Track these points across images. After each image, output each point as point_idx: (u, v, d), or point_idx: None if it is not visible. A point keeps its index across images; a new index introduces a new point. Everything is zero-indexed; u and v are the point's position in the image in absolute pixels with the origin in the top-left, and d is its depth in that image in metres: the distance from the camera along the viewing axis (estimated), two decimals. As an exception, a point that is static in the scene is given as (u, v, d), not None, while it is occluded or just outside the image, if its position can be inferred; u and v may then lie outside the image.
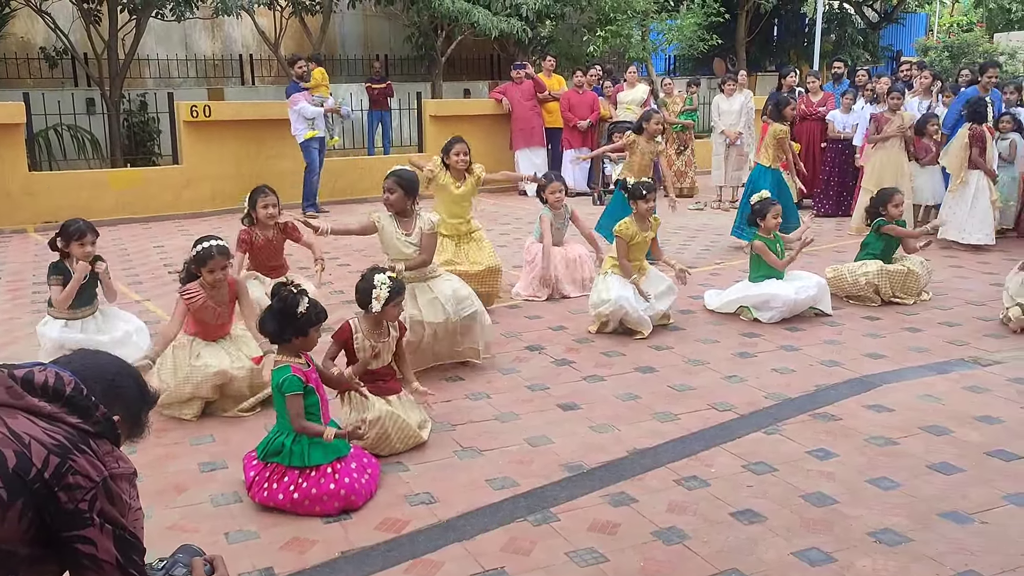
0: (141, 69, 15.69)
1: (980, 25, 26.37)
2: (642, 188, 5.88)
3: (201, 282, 4.55)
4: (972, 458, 3.96)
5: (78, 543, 1.62)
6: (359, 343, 4.07)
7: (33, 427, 1.61)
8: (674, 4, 18.29)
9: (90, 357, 1.88)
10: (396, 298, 4.09)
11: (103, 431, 1.71)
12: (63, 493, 1.58)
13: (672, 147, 11.94)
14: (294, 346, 3.68)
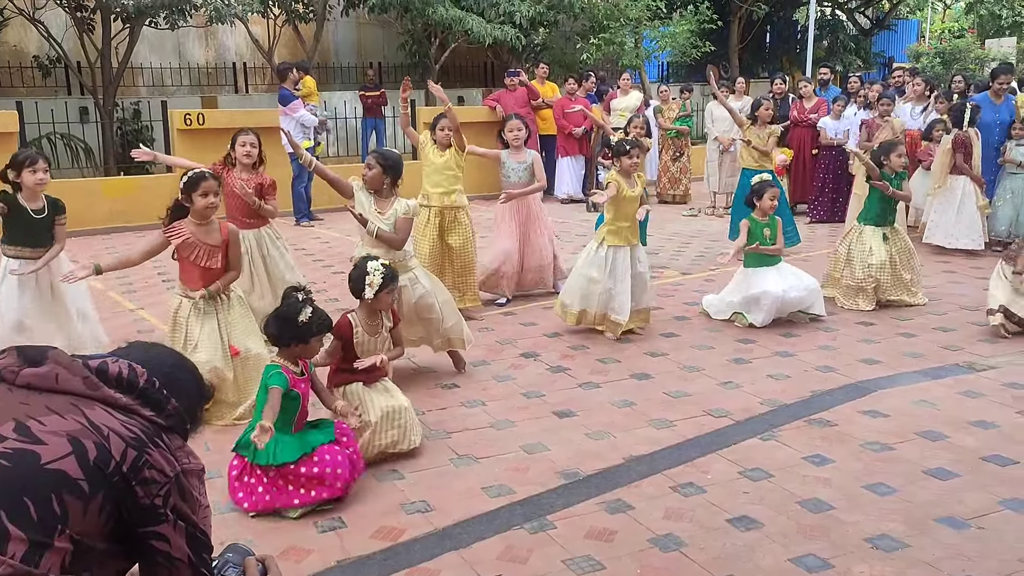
0: (135, 77, 15.67)
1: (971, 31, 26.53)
2: (625, 144, 5.86)
3: (189, 218, 4.46)
4: (968, 463, 3.96)
5: (153, 539, 1.58)
6: (359, 338, 4.07)
7: (111, 419, 1.56)
8: (667, 11, 18.34)
9: (148, 349, 1.84)
10: (389, 285, 4.09)
11: (174, 425, 1.67)
12: (140, 487, 1.54)
13: (668, 153, 11.97)
14: (293, 352, 3.68)
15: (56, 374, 1.58)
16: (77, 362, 1.63)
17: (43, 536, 1.40)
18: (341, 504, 3.67)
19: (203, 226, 4.48)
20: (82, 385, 1.59)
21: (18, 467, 1.43)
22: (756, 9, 20.30)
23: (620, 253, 5.80)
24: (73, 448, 1.48)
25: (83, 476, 1.47)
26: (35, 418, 1.50)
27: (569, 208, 11.92)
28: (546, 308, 6.72)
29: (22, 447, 1.45)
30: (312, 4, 14.97)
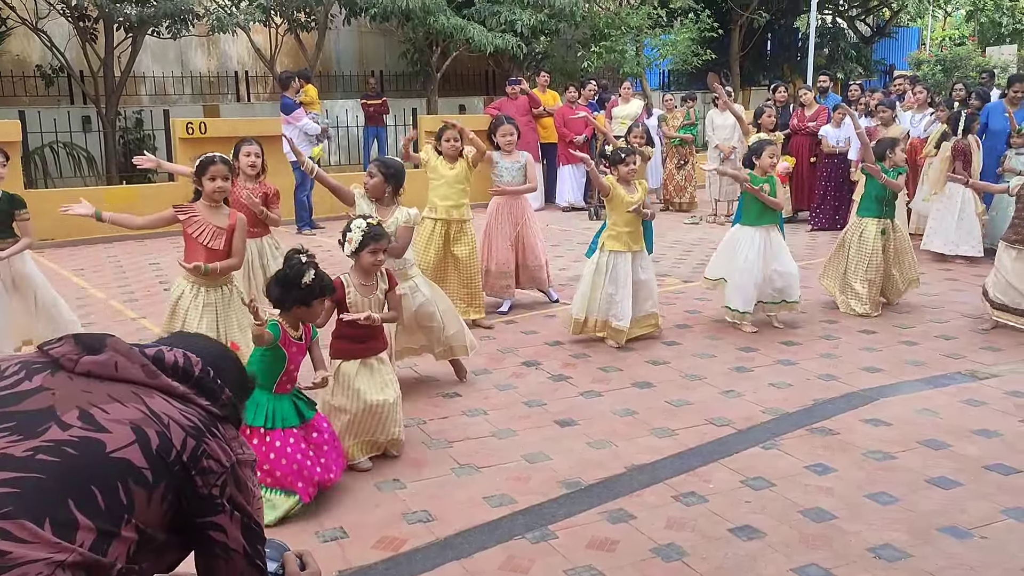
0: (137, 86, 15.73)
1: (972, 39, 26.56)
2: (620, 153, 5.87)
3: (201, 201, 4.53)
4: (970, 472, 3.95)
5: (210, 530, 1.57)
6: (351, 298, 4.05)
7: (170, 407, 1.55)
8: (668, 19, 18.39)
9: (191, 339, 1.83)
10: (371, 244, 4.03)
11: (228, 415, 1.66)
12: (199, 477, 1.53)
13: (672, 162, 11.99)
14: (295, 315, 3.67)
15: (115, 362, 1.57)
16: (135, 350, 1.61)
17: (111, 525, 1.39)
18: (342, 514, 3.66)
19: (213, 208, 4.56)
20: (141, 373, 1.58)
21: (85, 456, 1.41)
22: (757, 17, 20.35)
23: (620, 259, 5.80)
24: (136, 437, 1.47)
25: (147, 465, 1.46)
26: (98, 406, 1.49)
27: (571, 216, 11.93)
28: (548, 316, 6.73)
29: (87, 435, 1.44)
30: (314, 13, 15.02)
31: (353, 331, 4.05)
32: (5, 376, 1.53)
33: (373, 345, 4.15)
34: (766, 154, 6.21)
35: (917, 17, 28.63)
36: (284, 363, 3.64)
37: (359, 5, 14.56)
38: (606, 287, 5.79)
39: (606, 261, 5.82)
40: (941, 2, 26.59)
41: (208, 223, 4.52)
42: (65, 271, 8.48)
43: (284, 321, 3.67)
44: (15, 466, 1.37)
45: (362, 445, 4.11)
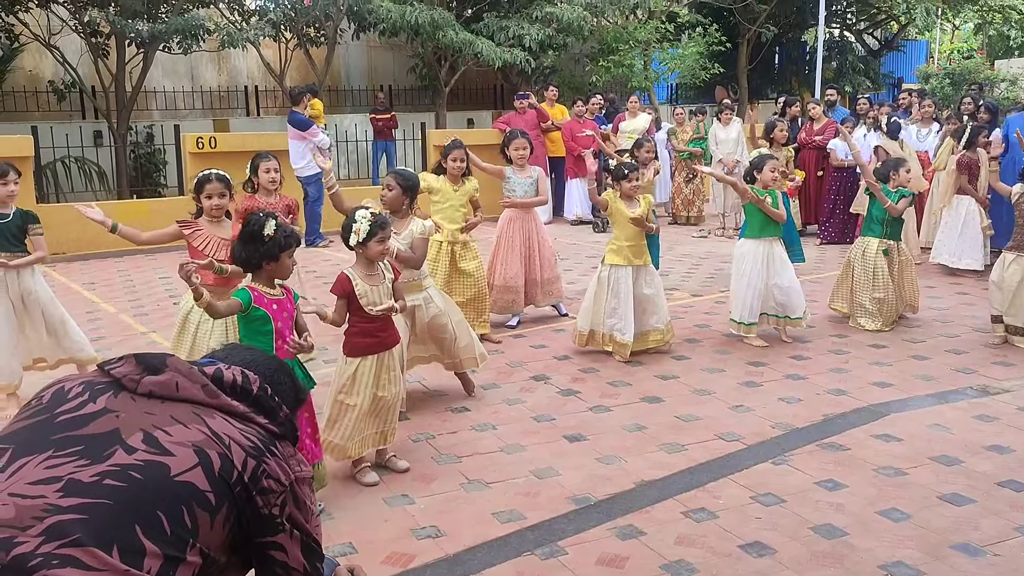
0: (148, 101, 15.85)
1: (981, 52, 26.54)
2: (624, 168, 5.87)
3: (203, 216, 4.55)
4: (983, 489, 3.93)
5: (271, 549, 1.56)
6: (359, 289, 4.02)
7: (230, 427, 1.54)
8: (676, 33, 18.44)
9: (246, 352, 1.82)
10: (378, 233, 4.01)
11: (286, 433, 1.65)
12: (260, 497, 1.52)
13: (681, 175, 12.00)
14: (267, 272, 3.63)
15: (176, 382, 1.57)
16: (195, 370, 1.62)
17: (176, 551, 1.39)
18: (351, 529, 3.66)
19: (215, 222, 4.59)
20: (202, 393, 1.58)
21: (150, 480, 1.41)
22: (765, 31, 20.38)
23: (621, 272, 5.80)
24: (200, 459, 1.47)
25: (210, 488, 1.46)
26: (161, 428, 1.49)
27: (578, 230, 11.94)
28: (556, 331, 6.72)
29: (152, 459, 1.44)
30: (323, 28, 15.11)
31: (368, 325, 4.05)
32: (70, 398, 1.53)
33: (387, 338, 4.14)
34: (767, 168, 6.20)
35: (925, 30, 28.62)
36: (270, 323, 3.59)
37: (368, 20, 14.64)
38: (608, 301, 5.79)
39: (607, 275, 5.82)
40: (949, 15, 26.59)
41: (213, 235, 4.55)
42: (75, 285, 8.53)
43: (257, 283, 3.64)
44: (83, 492, 1.37)
45: (366, 439, 4.12)
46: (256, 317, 3.57)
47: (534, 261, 6.80)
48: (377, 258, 4.08)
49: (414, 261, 4.88)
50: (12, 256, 5.14)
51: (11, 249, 5.19)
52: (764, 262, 6.12)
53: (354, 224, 4.00)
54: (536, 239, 6.83)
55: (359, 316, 4.03)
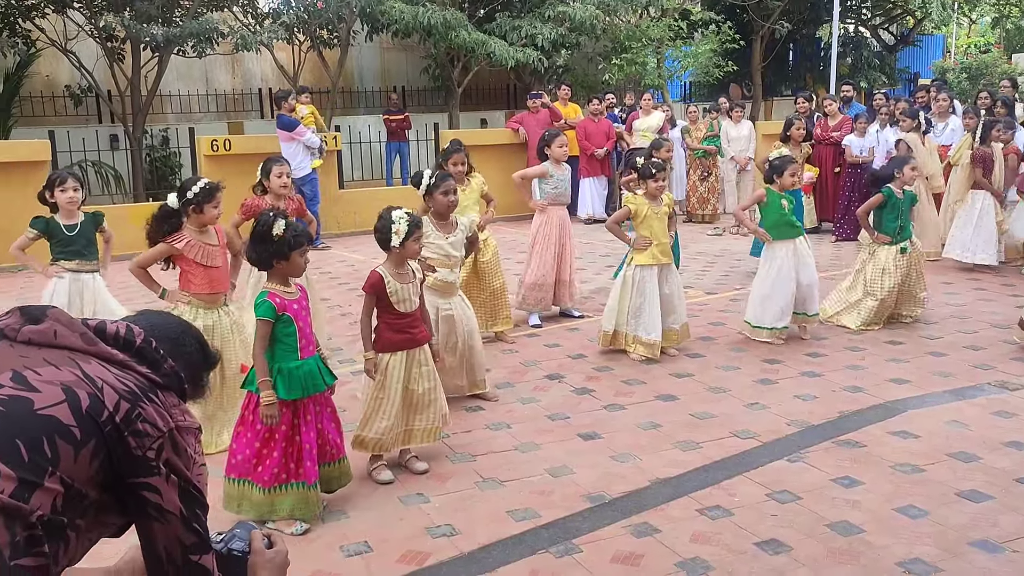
0: (163, 105, 15.94)
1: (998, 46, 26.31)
2: (651, 168, 5.84)
3: (187, 225, 4.52)
4: (1001, 485, 3.89)
5: (144, 490, 1.61)
6: (391, 287, 4.04)
7: (105, 372, 1.61)
8: (689, 31, 18.37)
9: (154, 316, 1.91)
10: (415, 232, 4.06)
11: (170, 384, 1.71)
12: (132, 438, 1.58)
13: (696, 173, 11.96)
14: (279, 272, 3.66)
15: (55, 330, 1.64)
16: (76, 321, 1.69)
17: (33, 476, 1.45)
18: (366, 528, 3.67)
19: (200, 232, 4.56)
20: (80, 340, 1.64)
21: (11, 412, 1.49)
22: (778, 27, 20.27)
23: (648, 272, 5.78)
24: (66, 396, 1.53)
25: (75, 423, 1.52)
26: (32, 368, 1.56)
27: (592, 229, 11.92)
28: (570, 329, 6.71)
29: (16, 394, 1.51)
30: (336, 30, 15.15)
31: (398, 321, 4.08)
32: None
33: (417, 335, 4.16)
34: (787, 173, 6.17)
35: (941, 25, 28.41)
36: (292, 324, 3.63)
37: (381, 22, 14.67)
38: (634, 300, 5.77)
39: (633, 275, 5.81)
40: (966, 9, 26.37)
41: (202, 244, 4.53)
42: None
43: (272, 283, 3.66)
44: None
45: (398, 436, 4.15)
46: (281, 321, 3.61)
47: (564, 260, 6.83)
48: (414, 256, 4.14)
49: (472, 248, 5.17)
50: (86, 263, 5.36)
51: (89, 257, 5.39)
52: (792, 263, 6.10)
53: (393, 225, 4.03)
54: (568, 238, 6.86)
55: (389, 313, 4.08)
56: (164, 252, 4.51)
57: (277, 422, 3.58)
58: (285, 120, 10.43)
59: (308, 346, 3.70)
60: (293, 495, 3.63)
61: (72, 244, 5.31)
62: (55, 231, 5.27)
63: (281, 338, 3.62)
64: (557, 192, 6.77)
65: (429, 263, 4.85)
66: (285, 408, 3.61)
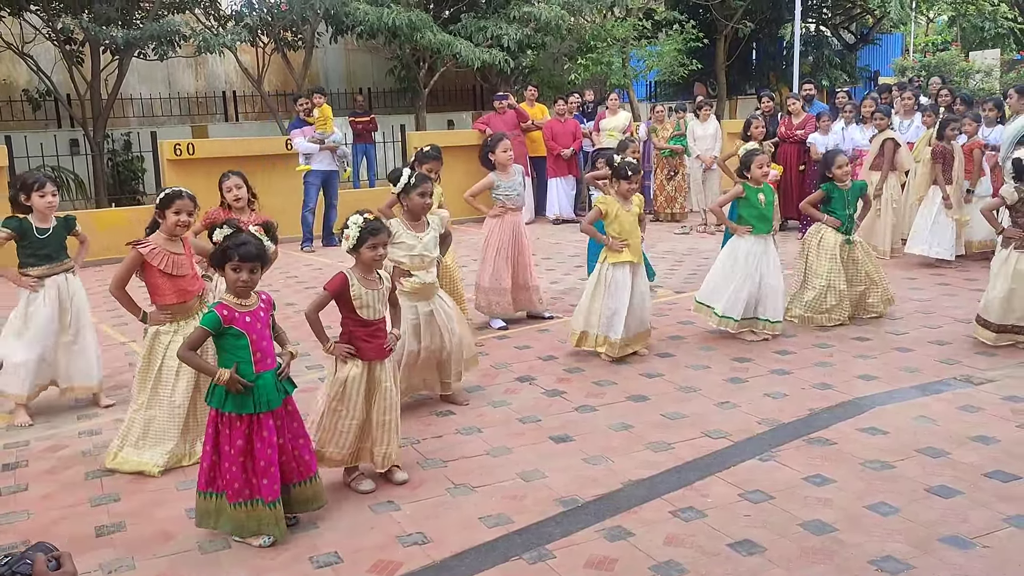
0: (124, 108, 15.68)
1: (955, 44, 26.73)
2: (627, 168, 5.83)
3: (158, 233, 4.45)
4: (969, 480, 3.93)
5: None
6: (355, 291, 3.94)
7: None
8: (653, 31, 18.46)
9: None
10: (370, 239, 3.94)
11: None
12: None
13: (663, 173, 12.00)
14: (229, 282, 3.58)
15: None
16: None
17: None
18: (336, 538, 3.61)
19: (170, 240, 4.48)
20: None
21: None
22: (742, 27, 20.44)
23: (621, 271, 5.77)
24: None
25: None
26: None
27: (560, 229, 11.92)
28: (540, 331, 6.69)
29: None
30: (300, 32, 15.02)
31: (361, 328, 3.99)
32: None
33: (380, 345, 4.05)
34: (755, 165, 6.21)
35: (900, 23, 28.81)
36: (244, 337, 3.52)
37: (346, 23, 14.56)
38: (606, 300, 5.76)
39: (606, 274, 5.79)
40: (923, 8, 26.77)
41: (168, 252, 4.44)
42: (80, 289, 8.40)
43: (228, 294, 3.57)
44: None
45: (362, 451, 4.08)
46: (229, 334, 3.52)
47: (522, 266, 6.79)
48: (371, 264, 4.02)
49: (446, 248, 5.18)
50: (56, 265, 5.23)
51: (61, 258, 5.29)
52: (757, 260, 6.12)
53: (345, 230, 3.96)
54: (524, 244, 6.83)
55: (352, 319, 3.99)
56: (136, 260, 4.40)
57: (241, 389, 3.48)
58: (292, 123, 10.78)
59: (265, 359, 3.58)
60: (257, 511, 3.54)
61: (43, 248, 5.19)
62: (27, 233, 5.15)
63: (231, 351, 3.52)
64: (508, 198, 6.74)
65: (402, 268, 4.79)
66: (240, 423, 3.51)
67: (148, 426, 4.39)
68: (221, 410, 3.52)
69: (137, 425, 4.40)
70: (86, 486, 4.24)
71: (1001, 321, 5.78)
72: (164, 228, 4.45)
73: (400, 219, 4.88)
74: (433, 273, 4.96)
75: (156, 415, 4.40)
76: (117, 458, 4.40)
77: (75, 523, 3.84)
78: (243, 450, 3.51)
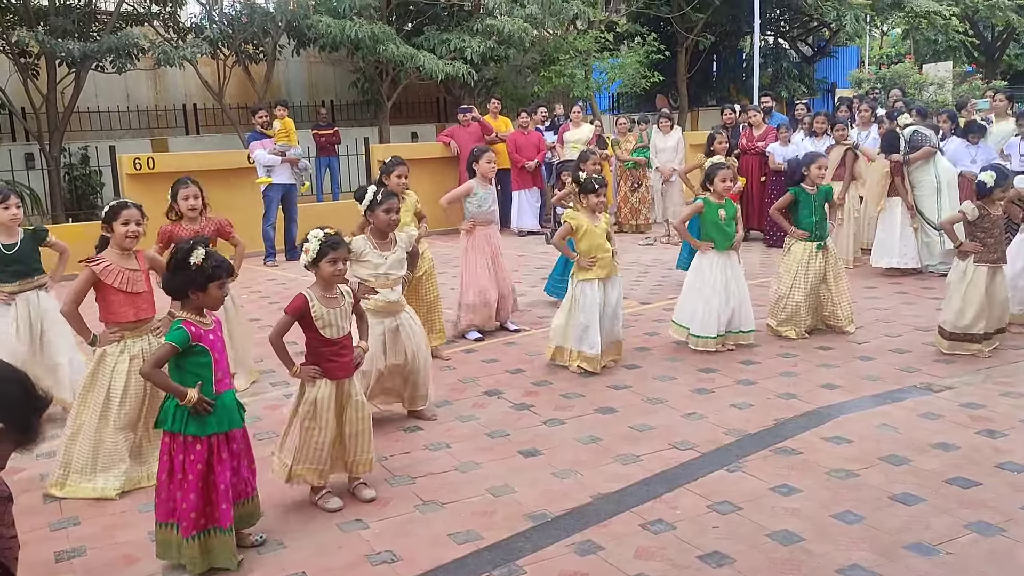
0: (81, 122, 15.41)
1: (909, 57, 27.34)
2: (594, 182, 5.86)
3: (109, 248, 4.35)
4: (931, 487, 3.99)
5: None
6: (317, 311, 3.89)
7: None
8: (615, 43, 18.62)
9: None
10: (329, 252, 3.90)
11: None
12: None
13: (626, 184, 12.09)
14: (195, 303, 3.50)
15: None
16: None
17: None
18: (304, 558, 3.57)
19: (123, 255, 4.38)
20: None
21: None
22: (702, 39, 20.71)
23: (590, 287, 5.79)
24: None
25: None
26: None
27: (526, 241, 11.95)
28: (508, 344, 6.69)
29: None
30: (262, 45, 14.92)
31: (326, 347, 3.94)
32: None
33: (347, 362, 4.01)
34: (718, 179, 6.28)
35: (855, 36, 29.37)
36: (208, 355, 3.47)
37: (308, 36, 14.50)
38: (579, 317, 5.77)
39: (577, 291, 5.81)
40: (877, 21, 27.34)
41: (123, 269, 4.33)
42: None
43: (186, 312, 3.50)
44: None
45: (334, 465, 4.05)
46: (194, 352, 3.45)
47: (501, 277, 6.83)
48: (331, 279, 3.97)
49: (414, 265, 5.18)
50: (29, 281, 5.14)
51: (32, 275, 5.15)
52: (721, 275, 6.18)
53: (305, 244, 3.92)
54: (499, 254, 6.87)
55: (316, 339, 3.94)
56: (88, 278, 4.28)
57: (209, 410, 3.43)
58: (250, 134, 10.60)
59: (224, 379, 3.54)
60: (213, 541, 3.46)
61: (11, 264, 5.05)
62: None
63: (194, 370, 3.45)
64: (481, 211, 6.76)
65: (367, 285, 4.76)
66: (200, 445, 3.43)
67: (96, 451, 4.25)
68: (183, 433, 3.42)
69: (83, 450, 4.25)
70: (44, 510, 4.14)
71: (956, 330, 5.90)
72: (114, 242, 4.35)
73: (367, 236, 4.85)
74: (398, 291, 4.93)
75: (103, 439, 4.26)
76: (65, 487, 4.25)
77: (34, 549, 3.74)
78: (203, 475, 3.42)
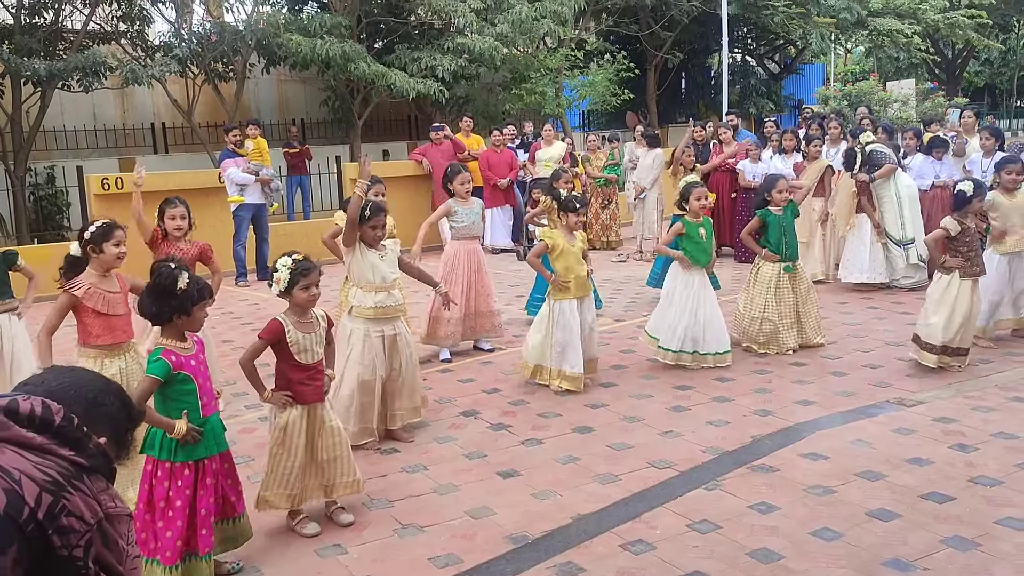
0: (48, 141, 15.23)
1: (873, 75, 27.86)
2: (575, 202, 5.89)
3: (88, 270, 4.28)
4: (907, 502, 4.02)
5: None
6: (291, 336, 3.86)
7: (22, 461, 1.39)
8: (585, 61, 18.78)
9: (66, 374, 1.68)
10: (301, 280, 3.86)
11: (97, 465, 1.50)
12: (57, 537, 1.37)
13: (597, 201, 12.15)
14: (176, 327, 3.47)
15: None
16: None
17: None
18: (282, 586, 3.52)
19: (103, 277, 4.33)
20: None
21: None
22: (671, 57, 20.94)
23: (568, 306, 5.80)
24: None
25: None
26: None
27: (500, 259, 11.94)
28: (484, 363, 6.67)
29: None
30: (232, 63, 14.85)
31: (298, 373, 3.90)
32: None
33: (317, 388, 3.97)
34: (693, 197, 6.33)
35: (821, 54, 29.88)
36: (192, 382, 3.43)
37: (278, 54, 14.46)
38: (556, 336, 5.77)
39: (552, 310, 5.82)
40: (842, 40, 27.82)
41: (103, 292, 4.28)
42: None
43: (168, 339, 3.46)
44: None
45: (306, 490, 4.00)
46: (178, 380, 3.41)
47: (478, 292, 6.81)
48: (306, 305, 3.94)
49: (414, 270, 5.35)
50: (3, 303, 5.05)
51: (3, 296, 5.11)
52: (693, 293, 6.22)
53: (275, 273, 3.88)
54: (482, 271, 6.87)
55: (289, 364, 3.90)
56: (67, 304, 4.21)
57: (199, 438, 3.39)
58: (222, 152, 10.58)
59: (209, 403, 3.51)
60: (191, 568, 3.40)
61: None
62: None
63: (179, 397, 3.40)
64: (464, 227, 6.76)
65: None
66: (188, 471, 3.40)
67: None
68: (171, 460, 3.37)
69: None
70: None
71: (944, 343, 5.94)
72: (101, 263, 4.29)
73: None
74: (395, 296, 4.93)
75: None
76: None
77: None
78: (189, 501, 3.39)
